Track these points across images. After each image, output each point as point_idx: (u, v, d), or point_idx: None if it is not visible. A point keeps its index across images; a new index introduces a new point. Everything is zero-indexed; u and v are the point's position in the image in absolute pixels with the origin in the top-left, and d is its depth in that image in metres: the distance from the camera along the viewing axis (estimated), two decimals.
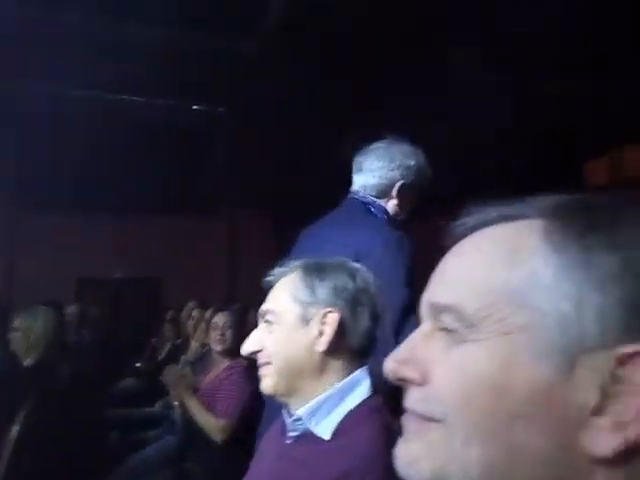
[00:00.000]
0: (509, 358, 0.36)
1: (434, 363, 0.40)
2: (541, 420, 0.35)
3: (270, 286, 1.05)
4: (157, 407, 3.44)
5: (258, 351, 1.00)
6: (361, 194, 1.50)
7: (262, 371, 1.00)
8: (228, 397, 2.30)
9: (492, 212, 0.43)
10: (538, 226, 0.39)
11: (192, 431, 2.28)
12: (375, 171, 1.48)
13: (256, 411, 1.59)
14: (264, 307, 1.03)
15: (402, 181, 1.48)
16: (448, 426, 0.37)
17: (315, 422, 0.93)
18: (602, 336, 0.35)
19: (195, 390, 2.44)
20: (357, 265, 1.04)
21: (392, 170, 1.47)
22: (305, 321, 0.97)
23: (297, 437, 0.96)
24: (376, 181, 1.48)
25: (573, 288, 0.36)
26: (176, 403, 2.56)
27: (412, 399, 0.41)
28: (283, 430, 1.01)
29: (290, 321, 0.98)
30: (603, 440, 0.34)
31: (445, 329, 0.40)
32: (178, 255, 6.94)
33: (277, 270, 1.06)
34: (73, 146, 4.75)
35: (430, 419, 0.39)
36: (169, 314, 5.00)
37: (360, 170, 1.51)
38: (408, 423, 0.42)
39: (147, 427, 3.15)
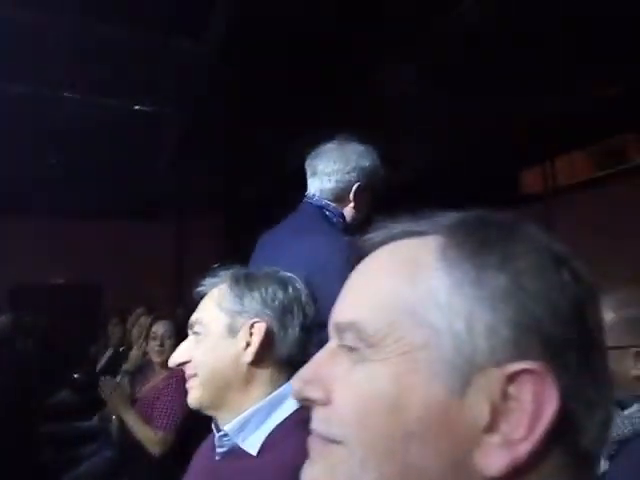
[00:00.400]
0: (406, 378, 0.36)
1: (336, 383, 0.40)
2: (436, 440, 0.35)
3: (201, 296, 1.04)
4: (95, 421, 3.32)
5: (186, 362, 0.99)
6: (316, 198, 1.45)
7: (189, 383, 0.99)
8: (166, 409, 2.24)
9: (397, 228, 0.43)
10: (436, 243, 0.40)
11: (129, 445, 2.22)
12: (331, 175, 1.43)
13: (196, 424, 1.57)
14: (193, 318, 1.01)
15: (358, 183, 1.45)
16: (347, 447, 0.38)
17: (242, 437, 0.92)
18: (493, 354, 0.35)
19: (134, 401, 2.37)
20: (289, 274, 1.04)
21: (348, 173, 1.43)
22: (233, 331, 0.96)
23: (225, 453, 0.95)
24: (332, 185, 1.44)
25: (465, 306, 0.36)
26: (113, 416, 2.48)
27: (316, 420, 0.41)
28: (213, 445, 1.00)
29: (217, 331, 0.97)
30: (493, 459, 0.34)
31: (348, 348, 0.40)
32: (122, 260, 6.72)
33: (207, 280, 1.04)
34: (7, 145, 4.51)
35: (332, 440, 0.39)
36: (113, 321, 4.83)
37: (315, 174, 1.46)
38: (313, 444, 0.42)
39: (84, 442, 3.03)
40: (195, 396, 0.97)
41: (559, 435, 0.35)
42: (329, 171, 1.43)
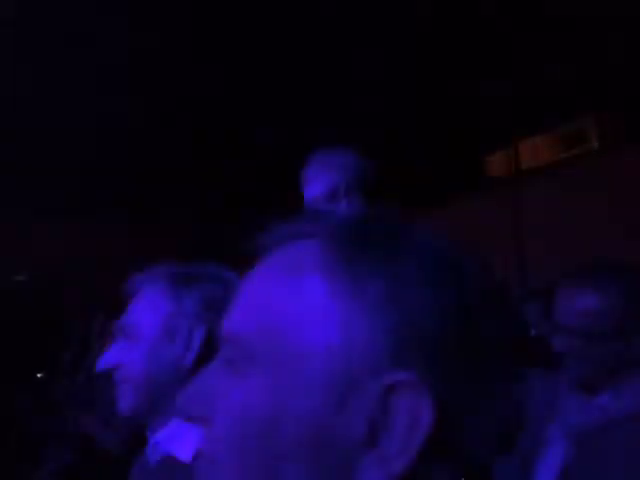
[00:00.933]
0: (280, 394, 0.34)
1: (219, 399, 0.38)
2: (312, 460, 0.33)
3: (131, 296, 0.97)
4: (54, 422, 3.25)
5: (115, 367, 0.92)
6: (312, 205, 1.57)
7: (119, 390, 0.93)
8: None
9: (288, 230, 0.41)
10: (317, 247, 0.38)
11: (88, 446, 2.18)
12: (319, 180, 1.55)
13: None
14: (122, 320, 0.95)
15: (346, 183, 1.55)
16: (222, 469, 0.36)
17: (176, 444, 0.88)
18: (370, 366, 0.33)
19: (93, 403, 2.32)
20: (231, 273, 0.99)
21: (334, 175, 1.54)
22: (170, 335, 0.91)
23: (160, 461, 0.92)
24: (322, 189, 1.55)
25: (342, 315, 0.34)
26: (72, 418, 2.43)
27: (202, 438, 0.39)
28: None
29: (152, 335, 0.91)
30: (369, 477, 0.33)
31: (230, 360, 0.38)
32: (81, 259, 6.51)
33: (139, 278, 0.97)
34: None
35: (212, 461, 0.37)
36: (74, 324, 4.70)
37: (306, 183, 1.59)
38: (199, 465, 0.39)
39: (44, 443, 2.97)
40: (128, 405, 0.92)
41: (442, 448, 0.34)
42: (318, 177, 1.56)
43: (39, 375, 4.21)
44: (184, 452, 0.88)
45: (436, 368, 0.33)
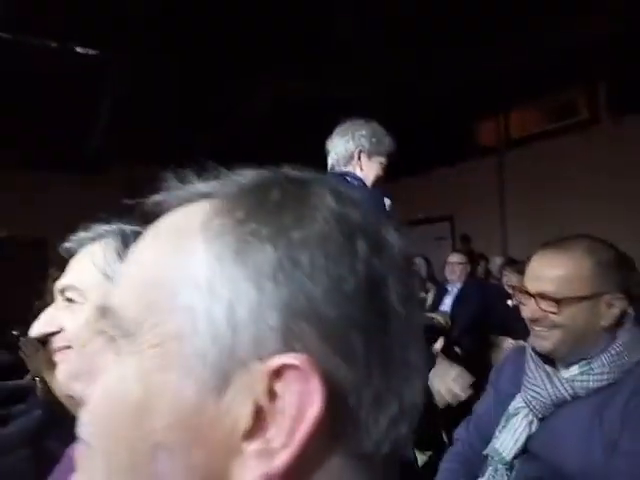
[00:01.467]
0: (155, 376, 0.30)
1: (98, 379, 0.34)
2: (188, 451, 0.30)
3: (71, 254, 0.86)
4: (26, 380, 3.23)
5: (54, 333, 0.82)
6: (335, 169, 1.78)
7: (58, 357, 0.84)
8: None
9: (189, 189, 0.36)
10: (208, 209, 0.33)
11: (54, 407, 2.15)
12: (337, 147, 1.78)
13: None
14: (63, 282, 0.85)
15: (359, 149, 1.76)
16: (94, 456, 0.32)
17: None
18: (257, 346, 0.29)
19: None
20: None
21: (347, 142, 1.77)
22: None
23: None
24: (340, 154, 1.78)
25: (227, 287, 0.30)
26: (36, 378, 2.40)
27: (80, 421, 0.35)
28: None
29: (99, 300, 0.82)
30: (248, 472, 0.29)
31: (109, 337, 0.34)
32: (66, 214, 6.42)
33: (82, 235, 0.87)
34: None
35: (87, 445, 0.33)
36: (54, 275, 4.63)
37: (329, 152, 1.82)
38: (79, 450, 0.35)
39: (14, 401, 2.95)
40: (66, 372, 0.82)
41: (335, 438, 0.30)
42: (335, 144, 1.80)
43: (15, 332, 4.18)
44: None
45: (332, 351, 0.29)
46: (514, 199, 5.51)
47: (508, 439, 1.06)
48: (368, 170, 1.79)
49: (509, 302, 3.15)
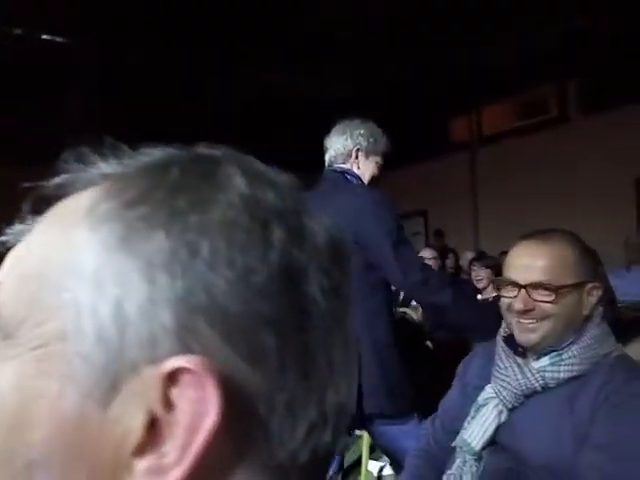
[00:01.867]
0: (32, 382, 0.26)
1: None
2: (68, 470, 0.26)
3: (8, 249, 0.84)
4: None
5: None
6: (333, 166, 1.81)
7: None
8: None
9: (92, 171, 0.31)
10: (98, 193, 0.29)
11: None
12: (335, 144, 1.80)
13: None
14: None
15: (357, 147, 1.79)
16: None
17: None
18: (149, 347, 0.25)
19: None
20: None
21: (346, 140, 1.79)
22: None
23: None
24: (338, 151, 1.80)
25: (113, 280, 0.26)
26: None
27: None
28: None
29: None
30: None
31: None
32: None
33: (20, 227, 0.83)
34: None
35: None
36: None
37: (327, 149, 1.83)
38: None
39: None
40: None
41: (240, 450, 0.26)
42: (333, 142, 1.82)
43: None
44: None
45: (237, 352, 0.26)
46: (486, 195, 5.60)
47: (477, 429, 1.06)
48: (365, 169, 1.81)
49: (478, 297, 3.19)
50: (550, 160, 4.88)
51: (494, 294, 2.71)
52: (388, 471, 2.81)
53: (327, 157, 1.84)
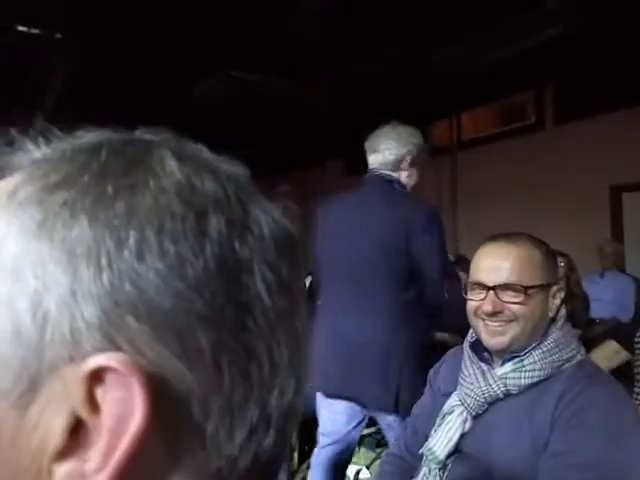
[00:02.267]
0: None
1: None
2: None
3: None
4: None
5: None
6: (381, 170, 1.80)
7: None
8: None
9: (21, 155, 0.29)
10: (22, 175, 0.27)
11: None
12: (391, 149, 1.78)
13: None
14: None
15: (411, 156, 1.80)
16: None
17: None
18: (71, 345, 0.24)
19: None
20: None
21: (399, 147, 1.78)
22: None
23: None
24: (392, 157, 1.78)
25: (32, 271, 0.24)
26: None
27: None
28: None
29: None
30: None
31: None
32: None
33: None
34: None
35: None
36: None
37: (376, 150, 1.81)
38: None
39: None
40: None
41: (171, 455, 0.25)
42: (389, 147, 1.79)
43: None
44: None
45: (167, 350, 0.24)
46: (465, 199, 5.64)
47: (442, 438, 1.05)
48: (409, 178, 1.83)
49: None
50: (527, 166, 4.94)
51: None
52: (365, 474, 2.81)
53: (374, 159, 1.82)
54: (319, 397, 1.86)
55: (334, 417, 1.82)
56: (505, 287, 1.00)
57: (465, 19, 3.56)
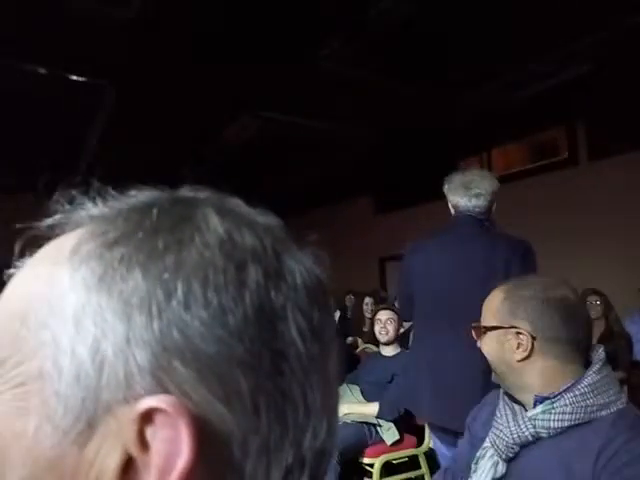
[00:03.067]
0: (11, 421, 0.26)
1: None
2: None
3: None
4: None
5: None
6: (476, 212, 1.94)
7: None
8: None
9: (80, 212, 0.32)
10: (81, 234, 0.30)
11: None
12: (487, 195, 1.94)
13: None
14: None
15: (494, 202, 1.98)
16: None
17: None
18: (125, 387, 0.25)
19: None
20: None
21: (494, 193, 1.96)
22: None
23: None
24: (487, 203, 1.95)
25: (92, 320, 0.26)
26: None
27: None
28: None
29: None
30: None
31: None
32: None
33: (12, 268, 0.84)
34: None
35: None
36: None
37: (474, 195, 1.94)
38: None
39: None
40: None
41: None
42: (486, 192, 1.95)
43: None
44: None
45: (211, 393, 0.26)
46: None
47: None
48: (493, 216, 2.02)
49: None
50: (560, 202, 4.86)
51: None
52: None
53: (467, 204, 1.96)
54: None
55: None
56: (477, 328, 1.13)
57: (495, 57, 3.60)
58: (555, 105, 4.28)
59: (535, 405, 1.00)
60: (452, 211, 2.06)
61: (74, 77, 3.89)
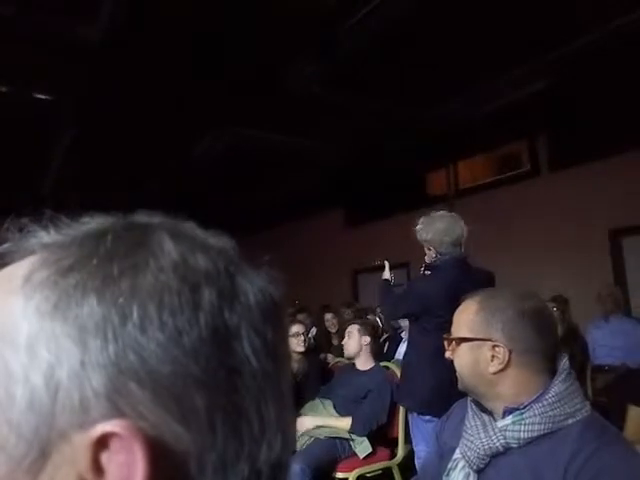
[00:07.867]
0: None
1: None
2: None
3: None
4: None
5: None
6: (462, 254, 2.36)
7: None
8: None
9: (32, 240, 0.32)
10: (34, 261, 0.30)
11: None
12: (462, 243, 2.34)
13: None
14: None
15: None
16: None
17: None
18: (80, 413, 0.25)
19: None
20: None
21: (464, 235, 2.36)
22: None
23: None
24: (462, 248, 2.37)
25: (46, 347, 0.26)
26: None
27: None
28: None
29: None
30: None
31: None
32: None
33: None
34: None
35: None
36: None
37: (463, 237, 2.33)
38: None
39: None
40: None
41: None
42: (462, 242, 2.37)
43: None
44: None
45: (167, 413, 0.26)
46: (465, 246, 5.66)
47: None
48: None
49: None
50: (523, 212, 4.99)
51: None
52: None
53: (457, 250, 2.31)
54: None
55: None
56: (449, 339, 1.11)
57: (461, 74, 3.70)
58: (517, 120, 4.42)
59: (504, 415, 1.01)
60: (433, 254, 2.35)
61: (38, 95, 3.83)
